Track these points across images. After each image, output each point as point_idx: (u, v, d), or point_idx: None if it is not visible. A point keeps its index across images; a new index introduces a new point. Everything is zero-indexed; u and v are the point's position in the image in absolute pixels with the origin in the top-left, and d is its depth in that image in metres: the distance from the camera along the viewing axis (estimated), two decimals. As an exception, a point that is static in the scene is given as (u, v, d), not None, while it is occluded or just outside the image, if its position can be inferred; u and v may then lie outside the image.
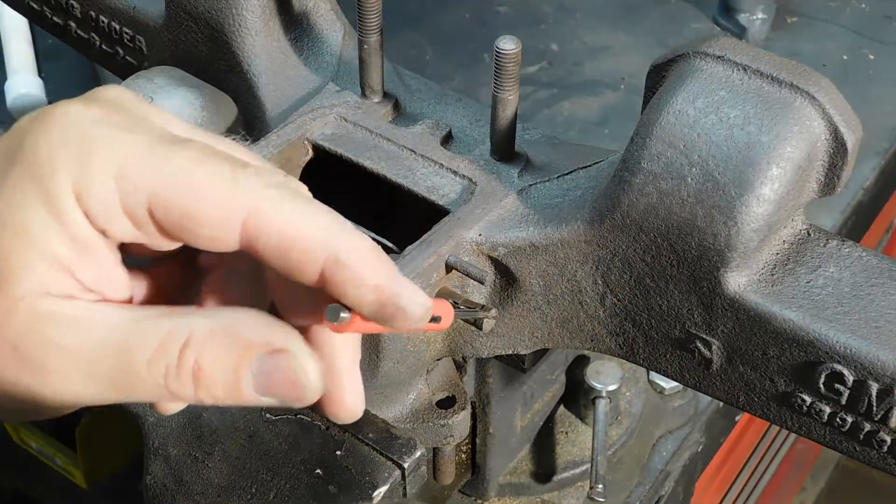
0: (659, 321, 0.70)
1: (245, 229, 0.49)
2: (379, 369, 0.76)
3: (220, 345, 0.49)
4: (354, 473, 0.76)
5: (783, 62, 0.65)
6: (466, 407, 0.85)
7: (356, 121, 0.81)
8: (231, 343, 0.49)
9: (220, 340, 0.49)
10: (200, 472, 0.77)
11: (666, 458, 1.10)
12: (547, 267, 0.72)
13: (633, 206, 0.66)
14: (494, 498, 1.02)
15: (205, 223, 0.48)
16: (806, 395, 0.66)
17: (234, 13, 0.84)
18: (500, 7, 1.69)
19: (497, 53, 0.72)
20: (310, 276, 0.50)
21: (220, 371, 0.49)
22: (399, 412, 0.85)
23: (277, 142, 0.78)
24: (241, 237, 0.49)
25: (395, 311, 0.51)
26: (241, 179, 0.49)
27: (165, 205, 0.48)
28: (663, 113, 0.65)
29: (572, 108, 1.51)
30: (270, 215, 0.49)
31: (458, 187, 0.76)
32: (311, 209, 0.50)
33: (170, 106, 0.81)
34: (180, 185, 0.48)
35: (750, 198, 0.63)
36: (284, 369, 0.49)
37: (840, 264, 0.67)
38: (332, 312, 0.55)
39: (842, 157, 0.65)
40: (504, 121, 0.75)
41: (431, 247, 0.71)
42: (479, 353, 0.79)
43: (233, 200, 0.48)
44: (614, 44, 1.62)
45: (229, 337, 0.49)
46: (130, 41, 0.94)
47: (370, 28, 0.79)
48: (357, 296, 0.50)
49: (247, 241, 0.49)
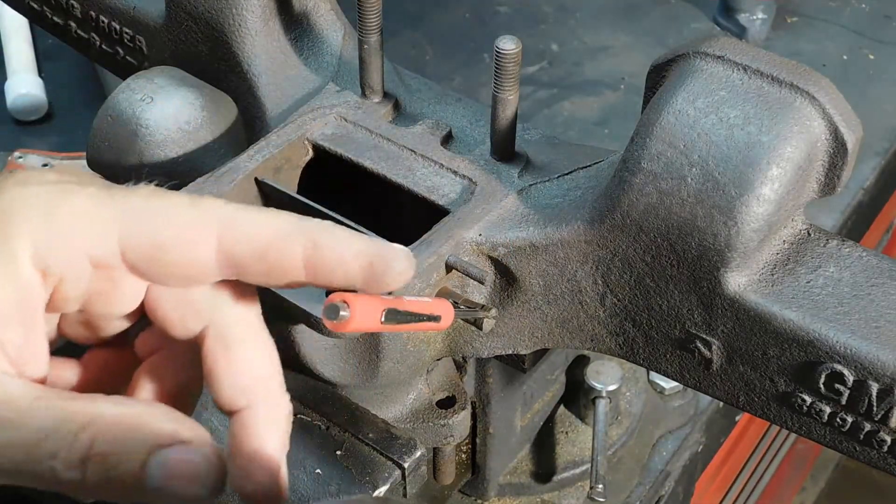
0: (659, 321, 0.70)
1: (220, 244, 0.49)
2: (379, 369, 0.76)
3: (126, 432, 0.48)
4: (354, 473, 0.76)
5: (783, 62, 0.65)
6: (466, 407, 0.85)
7: (356, 121, 0.81)
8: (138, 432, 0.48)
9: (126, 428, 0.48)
10: (200, 472, 0.77)
11: (666, 458, 1.10)
12: (547, 267, 0.72)
13: (633, 206, 0.66)
14: (494, 498, 1.02)
15: (178, 248, 0.49)
16: (806, 395, 0.66)
17: (234, 13, 0.84)
18: (500, 7, 1.69)
19: (497, 53, 0.72)
20: (294, 272, 0.50)
21: (124, 459, 0.48)
22: (399, 412, 0.85)
23: (277, 142, 0.78)
24: (217, 254, 0.50)
25: (384, 268, 0.51)
26: (200, 203, 0.50)
27: (136, 241, 0.49)
28: (663, 113, 0.65)
29: (572, 108, 1.52)
30: (241, 223, 0.50)
31: (458, 187, 0.76)
32: (272, 212, 0.51)
33: (170, 106, 0.81)
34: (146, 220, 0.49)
35: (750, 198, 0.63)
36: (188, 462, 0.49)
37: (840, 264, 0.67)
38: (330, 311, 0.55)
39: (842, 157, 0.65)
40: (504, 121, 0.75)
41: (431, 247, 0.71)
42: (479, 353, 0.79)
43: (200, 220, 0.50)
44: (614, 44, 1.62)
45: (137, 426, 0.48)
46: (130, 41, 0.94)
47: (370, 28, 0.79)
48: (345, 269, 0.51)
49: (224, 256, 0.50)
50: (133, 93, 0.81)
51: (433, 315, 0.66)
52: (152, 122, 0.80)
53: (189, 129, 0.80)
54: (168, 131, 0.80)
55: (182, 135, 0.80)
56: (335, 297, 0.57)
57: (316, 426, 0.78)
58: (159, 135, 0.80)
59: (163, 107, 0.80)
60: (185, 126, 0.80)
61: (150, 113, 0.80)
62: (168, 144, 0.80)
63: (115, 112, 0.81)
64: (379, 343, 0.74)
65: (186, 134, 0.80)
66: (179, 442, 0.49)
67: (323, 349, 0.76)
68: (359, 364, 0.77)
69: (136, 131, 0.80)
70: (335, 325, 0.56)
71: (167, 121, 0.80)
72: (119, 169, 0.81)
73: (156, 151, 0.80)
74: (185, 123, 0.80)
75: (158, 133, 0.80)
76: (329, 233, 0.51)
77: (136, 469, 0.48)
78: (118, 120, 0.81)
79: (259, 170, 0.76)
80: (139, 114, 0.80)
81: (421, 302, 0.65)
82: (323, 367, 0.77)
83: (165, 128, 0.80)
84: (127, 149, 0.80)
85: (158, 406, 0.50)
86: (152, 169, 0.80)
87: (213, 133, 0.81)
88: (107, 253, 0.49)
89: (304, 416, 0.79)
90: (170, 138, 0.80)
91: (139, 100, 0.81)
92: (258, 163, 0.76)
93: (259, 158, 0.77)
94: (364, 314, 0.58)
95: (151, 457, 0.48)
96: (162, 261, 0.49)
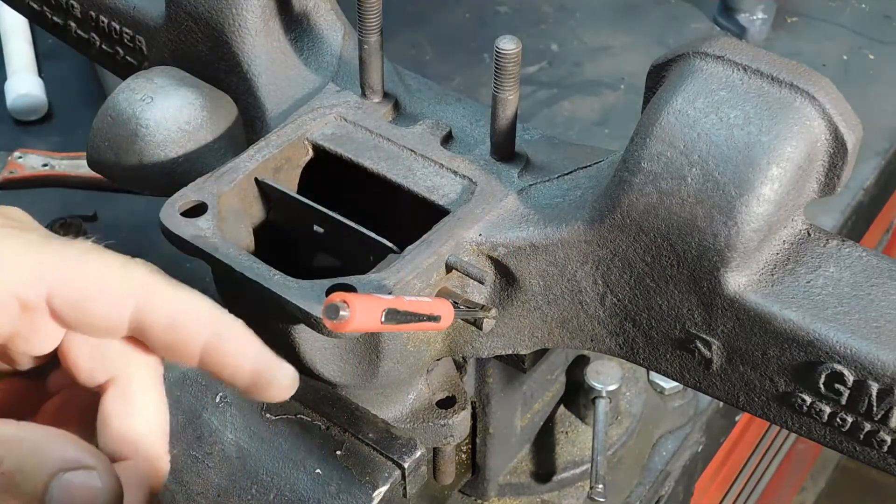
0: (659, 321, 0.70)
1: (137, 309, 0.53)
2: (379, 369, 0.76)
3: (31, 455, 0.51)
4: (354, 473, 0.76)
5: (783, 62, 0.65)
6: (466, 407, 0.85)
7: (356, 121, 0.81)
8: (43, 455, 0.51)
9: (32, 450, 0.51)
10: (200, 472, 0.77)
11: (666, 458, 1.10)
12: (547, 267, 0.72)
13: (633, 206, 0.66)
14: (494, 498, 1.02)
15: (101, 305, 0.53)
16: (806, 395, 0.66)
17: (234, 13, 0.84)
18: (500, 7, 1.70)
19: (497, 53, 0.72)
20: (191, 352, 0.54)
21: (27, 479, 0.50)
22: (399, 412, 0.85)
23: (277, 142, 0.78)
24: (131, 317, 0.54)
25: (268, 381, 0.55)
26: (131, 267, 0.54)
27: (63, 289, 0.53)
28: (663, 113, 0.65)
29: (572, 108, 1.52)
30: (161, 297, 0.54)
31: (458, 187, 0.76)
32: (194, 295, 0.55)
33: (170, 106, 0.81)
34: (77, 271, 0.53)
35: (750, 198, 0.63)
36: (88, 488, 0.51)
37: (840, 264, 0.67)
38: (330, 311, 0.56)
39: (842, 157, 0.65)
40: (504, 121, 0.75)
41: (431, 247, 0.71)
42: (479, 353, 0.79)
43: (126, 284, 0.54)
44: (614, 44, 1.62)
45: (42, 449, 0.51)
46: (130, 41, 0.94)
47: (370, 28, 0.79)
48: (236, 367, 0.55)
49: (136, 321, 0.54)
50: (133, 93, 0.81)
51: (433, 315, 0.66)
52: (152, 122, 0.80)
53: (189, 129, 0.80)
54: (168, 131, 0.80)
55: (182, 135, 0.80)
56: (335, 297, 0.57)
57: (316, 426, 0.78)
58: (159, 135, 0.80)
59: (163, 107, 0.80)
60: (185, 126, 0.80)
61: (150, 113, 0.80)
62: (168, 144, 0.80)
63: (115, 112, 0.81)
64: (379, 343, 0.74)
65: (186, 134, 0.80)
66: (83, 467, 0.51)
67: (323, 349, 0.76)
68: (359, 364, 0.77)
69: (136, 131, 0.80)
70: (335, 325, 0.56)
71: (167, 121, 0.80)
72: (119, 169, 0.81)
73: (156, 151, 0.80)
74: (185, 123, 0.80)
75: (158, 133, 0.80)
76: (234, 332, 0.55)
77: (39, 490, 0.50)
78: (118, 120, 0.81)
79: (259, 170, 0.76)
80: (139, 114, 0.80)
81: (421, 302, 0.65)
82: (323, 367, 0.77)
83: (165, 128, 0.80)
84: (127, 149, 0.80)
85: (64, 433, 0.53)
86: (152, 169, 0.80)
87: (213, 133, 0.81)
88: (34, 296, 0.52)
89: (304, 416, 0.79)
90: (170, 138, 0.80)
91: (139, 100, 0.81)
92: (258, 163, 0.76)
93: (259, 158, 0.77)
94: (364, 314, 0.58)
95: (54, 479, 0.51)
96: (85, 311, 0.53)
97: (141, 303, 0.53)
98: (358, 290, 0.66)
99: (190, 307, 0.54)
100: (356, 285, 0.67)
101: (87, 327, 0.54)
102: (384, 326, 0.60)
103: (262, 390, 0.55)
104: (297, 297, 0.66)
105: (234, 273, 0.69)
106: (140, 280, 0.54)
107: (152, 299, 0.54)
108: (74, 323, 0.54)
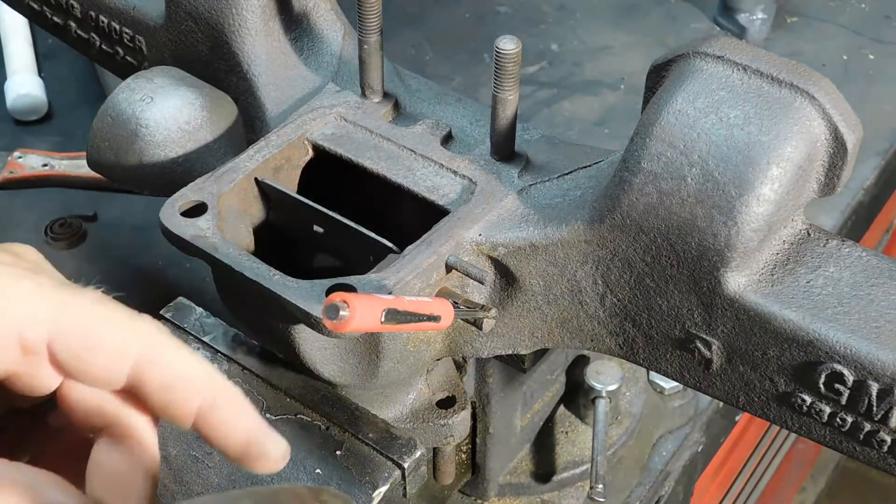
0: (659, 321, 0.70)
1: (136, 365, 0.53)
2: (379, 369, 0.76)
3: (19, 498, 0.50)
4: (354, 473, 0.76)
5: (783, 62, 0.65)
6: (466, 407, 0.85)
7: (356, 121, 0.81)
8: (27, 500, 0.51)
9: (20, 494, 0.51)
10: (200, 472, 0.77)
11: (666, 458, 1.10)
12: (547, 267, 0.72)
13: (633, 206, 0.66)
14: (494, 498, 1.02)
15: (101, 356, 0.53)
16: (806, 395, 0.66)
17: (234, 13, 0.84)
18: (500, 7, 1.69)
19: (497, 53, 0.72)
20: (186, 414, 0.54)
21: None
22: (399, 412, 0.85)
23: (277, 142, 0.78)
24: (130, 372, 0.54)
25: (258, 453, 0.55)
26: (136, 322, 0.54)
27: (66, 337, 0.53)
28: (663, 113, 0.65)
29: (572, 108, 1.51)
30: (161, 356, 0.54)
31: (458, 187, 0.76)
32: (194, 357, 0.55)
33: (170, 106, 0.81)
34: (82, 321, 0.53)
35: (750, 198, 0.63)
36: None
37: (840, 264, 0.67)
38: (330, 311, 0.56)
39: (842, 157, 0.65)
40: (504, 121, 0.75)
41: (431, 247, 0.71)
42: (479, 353, 0.79)
43: (128, 339, 0.54)
44: (614, 44, 1.62)
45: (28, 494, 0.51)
46: (130, 41, 0.94)
47: (370, 28, 0.79)
48: (228, 435, 0.54)
49: (134, 376, 0.54)
50: (133, 93, 0.81)
51: (433, 315, 0.66)
52: (152, 122, 0.80)
53: (189, 129, 0.80)
54: (168, 131, 0.80)
55: (182, 135, 0.80)
56: (335, 297, 0.57)
57: (316, 426, 0.78)
58: (159, 135, 0.80)
59: (163, 107, 0.80)
60: (185, 126, 0.80)
61: (150, 113, 0.80)
62: (168, 144, 0.80)
63: (115, 112, 0.81)
64: (379, 343, 0.74)
65: (186, 134, 0.80)
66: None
67: (323, 349, 0.76)
68: (359, 364, 0.77)
69: (136, 131, 0.80)
70: (335, 324, 0.56)
71: (167, 121, 0.80)
72: (119, 169, 0.81)
73: (156, 151, 0.80)
74: (185, 123, 0.80)
75: (158, 133, 0.80)
76: (230, 400, 0.54)
77: None
78: (118, 120, 0.81)
79: (259, 170, 0.76)
80: (139, 114, 0.80)
81: (421, 302, 0.65)
82: (323, 367, 0.77)
83: (165, 128, 0.80)
84: (127, 149, 0.80)
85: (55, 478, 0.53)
86: (152, 169, 0.80)
87: (213, 133, 0.81)
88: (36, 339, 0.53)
89: (304, 416, 0.79)
90: (170, 138, 0.80)
91: (139, 100, 0.81)
92: (258, 163, 0.76)
93: (259, 158, 0.77)
94: (364, 314, 0.58)
95: None
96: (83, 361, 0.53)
97: (141, 359, 0.54)
98: (358, 290, 0.66)
99: (189, 370, 0.54)
100: (356, 285, 0.67)
101: (84, 376, 0.54)
102: (384, 326, 0.60)
103: (252, 461, 0.55)
104: (297, 297, 0.66)
105: (234, 273, 0.69)
106: (143, 337, 0.54)
107: (152, 357, 0.54)
108: (73, 371, 0.54)
